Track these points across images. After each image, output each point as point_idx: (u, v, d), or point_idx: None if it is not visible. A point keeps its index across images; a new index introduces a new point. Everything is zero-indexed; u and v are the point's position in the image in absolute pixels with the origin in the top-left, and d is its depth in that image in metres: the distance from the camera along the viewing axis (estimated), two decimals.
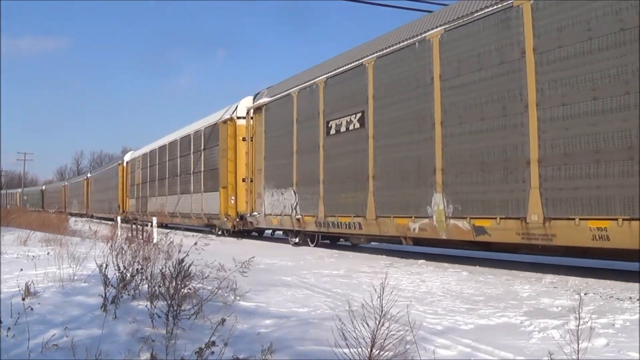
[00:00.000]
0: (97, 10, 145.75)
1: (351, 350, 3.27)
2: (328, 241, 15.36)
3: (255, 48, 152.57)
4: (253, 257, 6.18)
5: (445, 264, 10.30)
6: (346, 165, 12.60)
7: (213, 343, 3.56)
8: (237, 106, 19.00)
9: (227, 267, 6.30)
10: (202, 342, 3.64)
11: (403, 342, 3.46)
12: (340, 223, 12.75)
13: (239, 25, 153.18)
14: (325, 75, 13.68)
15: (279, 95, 16.00)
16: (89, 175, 51.34)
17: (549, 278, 8.18)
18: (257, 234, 20.42)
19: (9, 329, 4.29)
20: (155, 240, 11.02)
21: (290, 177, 14.97)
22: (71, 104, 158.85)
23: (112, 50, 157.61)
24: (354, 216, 12.14)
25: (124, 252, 6.22)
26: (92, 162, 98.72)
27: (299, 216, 14.42)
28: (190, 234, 19.76)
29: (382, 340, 3.23)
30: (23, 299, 4.97)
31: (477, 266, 9.82)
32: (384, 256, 12.14)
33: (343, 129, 12.79)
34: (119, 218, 21.01)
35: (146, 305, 5.12)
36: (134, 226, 15.18)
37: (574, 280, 7.92)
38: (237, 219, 18.63)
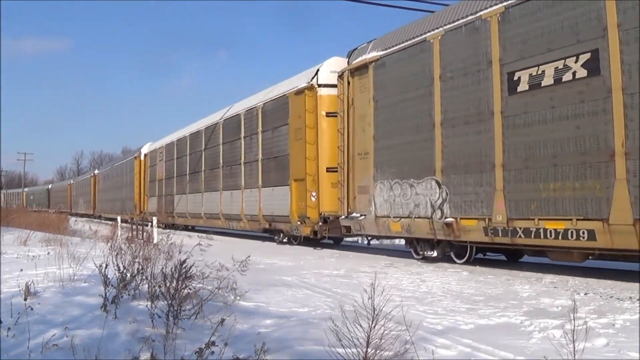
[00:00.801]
0: (98, 10, 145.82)
1: (350, 350, 3.27)
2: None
3: (256, 48, 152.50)
4: (249, 256, 6.20)
5: (446, 264, 10.29)
6: (557, 138, 8.21)
7: (213, 343, 3.56)
8: (318, 70, 14.35)
9: (227, 266, 6.31)
10: (202, 342, 3.64)
11: (402, 342, 3.46)
12: (545, 231, 8.29)
13: (239, 25, 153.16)
14: (503, 4, 9.09)
15: (403, 44, 11.28)
16: (96, 171, 46.08)
17: (549, 278, 8.19)
18: (332, 242, 15.75)
19: (9, 329, 4.29)
20: (155, 241, 11.03)
21: (429, 160, 10.35)
22: (71, 104, 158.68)
23: (113, 50, 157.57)
24: (577, 219, 7.83)
25: (123, 252, 6.23)
26: (92, 162, 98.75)
27: (450, 219, 9.87)
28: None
29: (378, 340, 3.22)
30: (25, 299, 4.97)
31: (477, 266, 9.81)
32: (384, 256, 12.13)
33: (547, 81, 8.34)
34: (119, 218, 20.29)
35: (146, 305, 5.12)
36: (134, 227, 15.10)
37: (574, 280, 7.93)
38: (320, 223, 13.78)
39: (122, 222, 18.15)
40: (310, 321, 5.11)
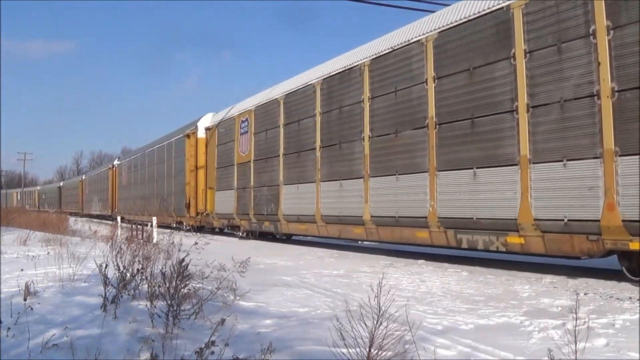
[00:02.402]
0: (101, 13, 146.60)
1: (351, 350, 3.27)
2: None
3: (258, 49, 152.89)
4: (249, 258, 6.21)
5: (445, 264, 10.28)
6: None
7: (213, 343, 3.56)
8: None
9: (227, 267, 6.31)
10: (202, 342, 3.64)
11: (402, 342, 3.46)
12: None
13: (241, 26, 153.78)
14: None
15: None
16: (116, 162, 37.57)
17: (549, 278, 8.18)
18: None
19: (9, 329, 4.30)
20: (155, 240, 11.02)
21: None
22: (72, 105, 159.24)
23: (115, 52, 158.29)
24: None
25: (123, 252, 6.23)
26: (92, 162, 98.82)
27: None
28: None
29: (381, 340, 3.23)
30: (25, 299, 4.97)
31: (477, 266, 9.80)
32: (384, 256, 12.11)
33: None
34: (118, 218, 19.63)
35: (146, 305, 5.12)
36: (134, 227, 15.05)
37: (574, 280, 7.92)
38: None
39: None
40: (310, 321, 5.11)
